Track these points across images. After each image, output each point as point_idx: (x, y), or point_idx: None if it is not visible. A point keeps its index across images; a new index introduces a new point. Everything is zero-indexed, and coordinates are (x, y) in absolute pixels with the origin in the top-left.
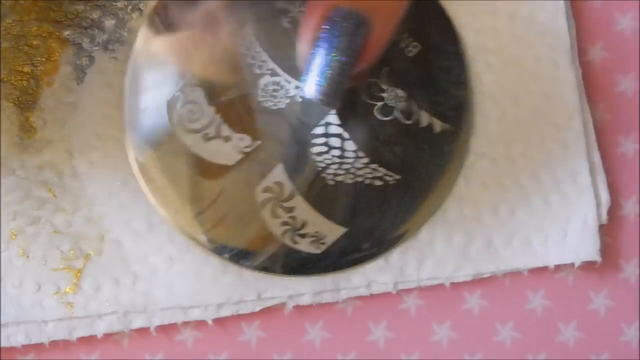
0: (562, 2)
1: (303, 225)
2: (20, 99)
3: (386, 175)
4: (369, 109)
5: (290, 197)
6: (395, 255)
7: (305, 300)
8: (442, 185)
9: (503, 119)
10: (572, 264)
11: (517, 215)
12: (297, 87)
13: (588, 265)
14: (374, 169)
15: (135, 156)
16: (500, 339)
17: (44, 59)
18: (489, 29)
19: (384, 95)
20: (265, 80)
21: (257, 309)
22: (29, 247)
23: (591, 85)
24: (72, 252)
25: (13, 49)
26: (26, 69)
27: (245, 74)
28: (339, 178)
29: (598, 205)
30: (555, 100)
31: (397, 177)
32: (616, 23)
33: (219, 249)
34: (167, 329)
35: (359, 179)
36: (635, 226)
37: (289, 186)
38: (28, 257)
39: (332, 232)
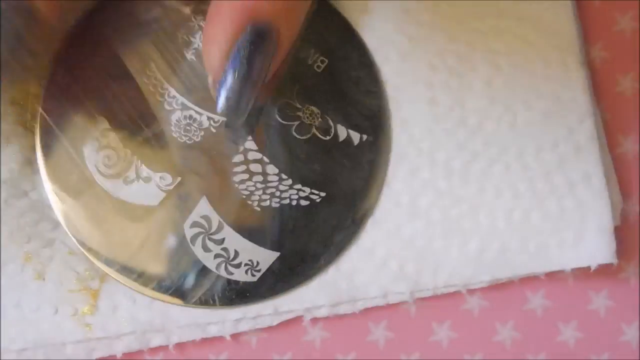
0: (569, 2)
1: (236, 256)
2: (30, 122)
3: (311, 194)
4: (286, 130)
5: (219, 229)
6: (410, 264)
7: (323, 312)
8: (367, 196)
9: (514, 123)
10: None
11: (532, 220)
12: (209, 118)
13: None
14: (299, 190)
15: (58, 207)
16: (500, 339)
17: None
18: (495, 31)
19: (300, 114)
20: (177, 115)
21: (275, 322)
22: (45, 269)
23: (591, 84)
24: (87, 273)
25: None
26: (35, 89)
27: (157, 112)
28: (264, 203)
29: (612, 207)
30: (566, 102)
31: (323, 194)
32: (616, 23)
33: (156, 289)
34: None
35: (285, 202)
36: (635, 226)
37: (216, 218)
38: (44, 279)
39: (266, 258)
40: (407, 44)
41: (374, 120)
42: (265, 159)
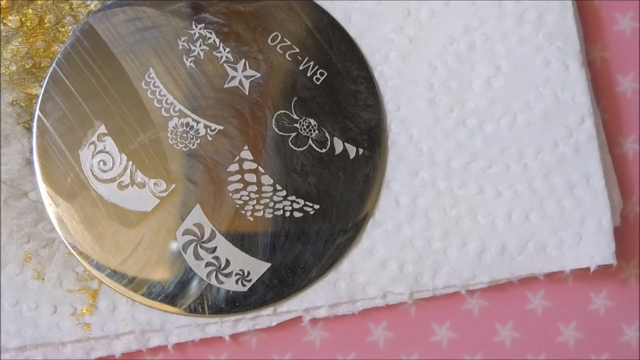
0: (569, 2)
1: (227, 265)
2: (30, 122)
3: (305, 206)
4: (282, 141)
5: (211, 238)
6: (410, 264)
7: (322, 313)
8: (361, 209)
9: (514, 124)
10: None
11: (530, 220)
12: (206, 126)
13: None
14: (293, 201)
15: (52, 209)
16: (500, 339)
17: None
18: (497, 32)
19: (297, 125)
20: (174, 122)
21: (274, 323)
22: (44, 269)
23: (591, 85)
24: (87, 273)
25: (22, 71)
26: (35, 91)
27: (154, 118)
28: (258, 213)
29: (611, 207)
30: (566, 103)
31: (316, 206)
32: (616, 23)
33: (146, 295)
34: None
35: (279, 213)
36: (635, 226)
37: (208, 227)
38: (43, 279)
39: (257, 268)
40: (407, 44)
41: (371, 135)
42: (260, 169)
